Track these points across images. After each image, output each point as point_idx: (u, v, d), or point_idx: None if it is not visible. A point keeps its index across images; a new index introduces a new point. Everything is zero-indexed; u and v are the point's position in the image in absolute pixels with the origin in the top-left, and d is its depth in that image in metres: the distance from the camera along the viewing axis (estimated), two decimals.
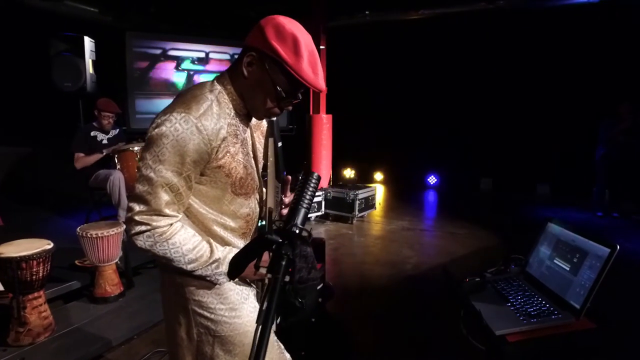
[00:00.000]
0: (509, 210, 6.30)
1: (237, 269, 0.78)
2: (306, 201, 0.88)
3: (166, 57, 7.53)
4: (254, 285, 1.36)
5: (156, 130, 1.07)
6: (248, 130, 1.26)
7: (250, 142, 1.27)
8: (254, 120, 1.29)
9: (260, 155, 1.32)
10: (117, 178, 3.81)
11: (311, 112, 6.07)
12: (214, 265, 1.18)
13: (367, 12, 6.38)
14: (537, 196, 7.21)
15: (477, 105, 7.23)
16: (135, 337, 2.70)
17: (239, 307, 1.27)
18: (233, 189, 1.20)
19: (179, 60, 7.66)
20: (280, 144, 1.24)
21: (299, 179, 0.94)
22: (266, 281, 1.29)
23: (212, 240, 1.20)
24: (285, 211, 1.28)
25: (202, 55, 7.86)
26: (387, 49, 7.48)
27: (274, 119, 1.23)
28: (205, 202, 1.20)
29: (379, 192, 7.59)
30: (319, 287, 2.42)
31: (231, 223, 1.24)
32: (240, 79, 1.17)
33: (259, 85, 1.14)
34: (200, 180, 1.17)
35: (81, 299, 3.02)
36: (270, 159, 1.25)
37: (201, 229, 1.21)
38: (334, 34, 6.37)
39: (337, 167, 6.21)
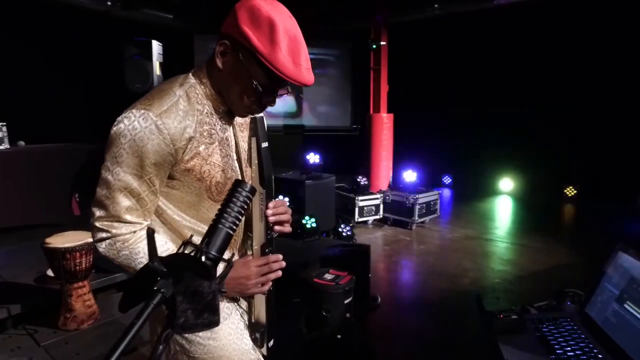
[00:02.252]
0: (598, 224, 5.48)
1: (128, 303, 0.62)
2: (229, 219, 0.70)
3: None
4: (239, 305, 1.22)
5: (114, 128, 0.96)
6: (230, 130, 1.11)
7: (233, 142, 1.12)
8: (240, 118, 1.15)
9: (246, 157, 1.17)
10: None
11: (371, 111, 5.82)
12: None
13: (436, 5, 5.97)
14: (639, 209, 6.22)
15: (560, 103, 6.43)
16: None
17: (217, 327, 1.14)
18: (210, 195, 1.07)
19: None
20: (265, 145, 1.08)
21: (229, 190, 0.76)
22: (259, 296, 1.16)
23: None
24: (272, 218, 1.10)
25: None
26: (454, 44, 6.96)
27: (257, 115, 1.07)
28: (181, 208, 1.08)
29: (446, 196, 7.10)
30: (346, 302, 2.23)
31: None
32: (215, 71, 1.03)
33: (234, 78, 0.99)
34: (173, 185, 1.05)
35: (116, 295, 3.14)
36: (254, 161, 1.10)
37: (178, 237, 1.09)
38: (396, 30, 6.04)
39: (397, 169, 5.89)
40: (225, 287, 1.10)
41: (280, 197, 1.39)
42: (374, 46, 5.48)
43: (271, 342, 1.17)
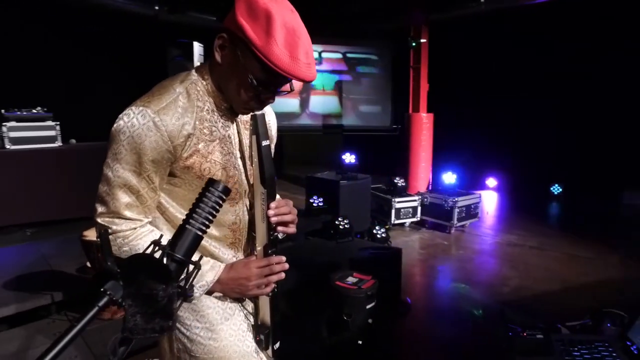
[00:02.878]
0: None
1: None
2: (199, 220, 0.67)
3: None
4: (244, 306, 1.20)
5: (115, 125, 0.97)
6: (233, 127, 1.09)
7: (237, 140, 1.10)
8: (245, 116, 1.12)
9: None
10: None
11: (410, 111, 5.66)
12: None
13: (482, 0, 5.70)
14: None
15: (616, 104, 5.93)
16: None
17: (217, 327, 1.12)
18: None
19: None
20: (266, 143, 1.05)
21: (207, 189, 0.72)
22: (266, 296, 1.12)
23: None
24: (274, 219, 1.07)
25: (315, 54, 7.98)
26: (498, 41, 6.61)
27: (258, 113, 1.04)
28: (183, 205, 1.07)
29: (490, 200, 6.78)
30: (368, 307, 2.15)
31: (214, 231, 1.09)
32: (216, 67, 1.01)
33: (232, 72, 0.97)
34: (174, 182, 1.04)
35: None
36: (255, 160, 1.07)
37: None
38: (437, 27, 5.83)
39: (437, 171, 5.69)
40: (224, 287, 1.09)
41: (280, 196, 1.36)
42: (414, 44, 5.33)
43: (277, 345, 1.15)
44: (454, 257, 4.38)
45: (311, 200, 4.64)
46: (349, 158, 4.81)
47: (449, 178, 5.27)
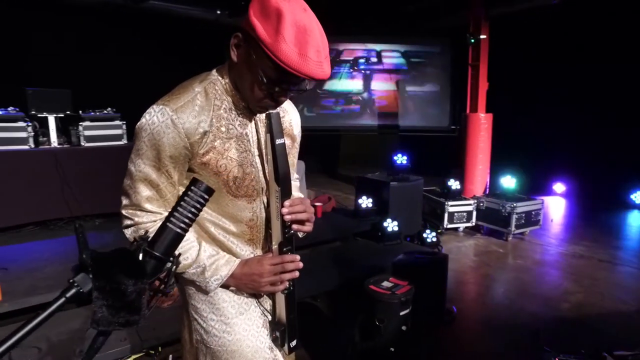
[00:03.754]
0: None
1: None
2: (180, 218, 0.67)
3: (341, 59, 7.85)
4: (261, 302, 1.21)
5: (138, 122, 1.03)
6: (251, 125, 1.10)
7: (255, 138, 1.11)
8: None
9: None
10: None
11: (467, 111, 5.39)
12: (198, 270, 1.08)
13: None
14: None
15: None
16: None
17: (231, 321, 1.15)
18: (228, 190, 1.08)
19: (353, 61, 7.90)
20: (281, 142, 1.06)
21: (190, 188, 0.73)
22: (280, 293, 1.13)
23: (204, 244, 1.10)
24: (288, 217, 1.08)
25: (374, 54, 7.90)
26: (566, 35, 6.07)
27: (273, 111, 1.05)
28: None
29: (557, 206, 6.27)
30: (402, 313, 2.07)
31: (232, 227, 1.13)
32: (233, 66, 1.04)
33: (246, 71, 0.99)
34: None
35: None
36: (269, 158, 1.08)
37: (200, 231, 1.13)
38: (498, 22, 5.47)
39: (495, 174, 5.36)
40: (238, 282, 1.11)
41: (298, 194, 1.36)
42: (472, 40, 5.05)
43: (293, 343, 1.16)
44: (510, 266, 4.11)
45: (360, 201, 4.59)
46: (400, 159, 4.69)
47: (508, 182, 4.95)
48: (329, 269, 3.67)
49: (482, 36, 5.03)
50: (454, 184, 4.99)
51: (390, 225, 4.20)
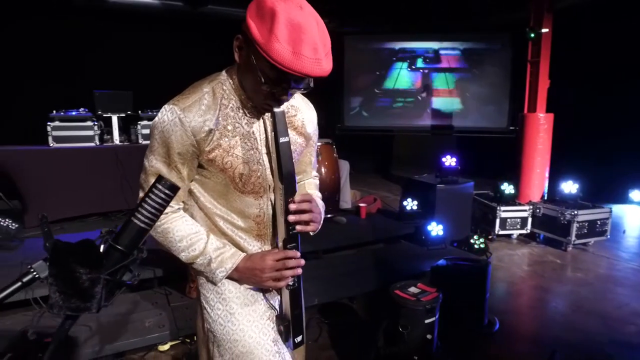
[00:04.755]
0: None
1: None
2: (144, 214, 0.69)
3: (397, 58, 7.72)
4: (268, 297, 1.23)
5: (153, 120, 1.11)
6: (259, 124, 1.13)
7: (263, 137, 1.13)
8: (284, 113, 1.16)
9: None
10: None
11: (525, 111, 5.04)
12: (205, 261, 1.13)
13: None
14: None
15: None
16: None
17: (236, 311, 1.18)
18: (235, 186, 1.12)
19: (411, 60, 7.74)
20: (285, 140, 1.08)
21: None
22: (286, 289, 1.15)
23: (212, 237, 1.15)
24: (291, 217, 1.09)
25: (432, 53, 7.68)
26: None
27: (277, 110, 1.06)
28: (213, 196, 1.16)
29: (633, 216, 5.67)
30: (427, 321, 1.98)
31: (240, 222, 1.16)
32: (239, 67, 1.07)
33: (247, 71, 1.02)
34: (204, 174, 1.14)
35: None
36: (273, 156, 1.11)
37: (210, 224, 1.18)
38: (563, 14, 5.04)
39: (555, 179, 4.96)
40: (241, 275, 1.14)
41: (314, 192, 1.37)
42: (532, 35, 4.70)
43: (298, 338, 1.18)
44: (567, 278, 3.79)
45: (404, 203, 4.47)
46: (449, 161, 4.50)
47: (569, 187, 4.56)
48: (369, 271, 3.62)
49: (544, 30, 4.66)
50: (507, 188, 4.70)
51: (435, 229, 4.05)
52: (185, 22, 6.32)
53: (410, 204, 4.44)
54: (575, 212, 4.21)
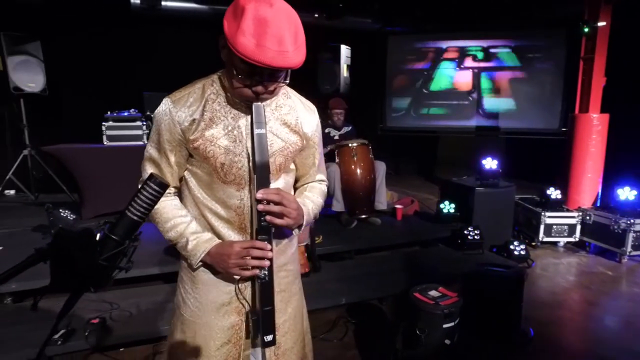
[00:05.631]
0: None
1: None
2: (137, 207, 0.77)
3: (444, 57, 7.53)
4: (241, 289, 1.26)
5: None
6: (246, 118, 1.18)
7: (249, 130, 1.18)
8: (272, 110, 1.22)
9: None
10: (332, 170, 4.21)
11: (577, 111, 4.73)
12: (182, 243, 1.20)
13: None
14: None
15: None
16: None
17: (204, 298, 1.26)
18: (218, 176, 1.18)
19: (459, 59, 7.53)
20: (261, 131, 1.10)
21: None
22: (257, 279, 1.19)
23: (193, 222, 1.22)
24: (260, 206, 1.11)
25: (481, 50, 7.41)
26: None
27: (257, 103, 1.10)
28: (201, 186, 1.23)
29: None
30: (445, 326, 1.94)
31: (222, 212, 1.22)
32: (224, 64, 1.15)
33: (228, 67, 1.10)
34: (193, 163, 1.22)
35: None
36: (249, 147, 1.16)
37: (198, 214, 1.25)
38: (624, 5, 4.66)
39: (609, 184, 4.62)
40: (212, 260, 1.18)
41: (315, 196, 1.36)
42: (586, 29, 4.39)
43: (269, 337, 1.17)
44: (621, 293, 3.53)
45: (441, 206, 4.37)
46: (490, 163, 4.34)
47: (626, 194, 4.24)
48: (401, 273, 3.59)
49: (601, 23, 4.34)
50: (553, 193, 4.46)
51: (472, 233, 3.93)
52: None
53: (448, 207, 4.33)
54: (632, 220, 3.92)
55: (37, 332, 2.50)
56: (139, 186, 0.81)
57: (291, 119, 1.24)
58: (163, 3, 5.68)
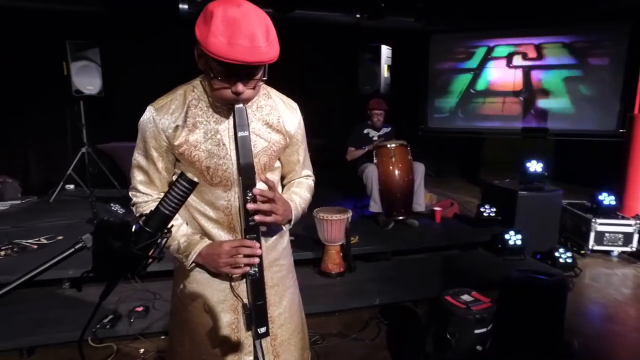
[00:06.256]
0: None
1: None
2: (169, 203, 0.85)
3: (492, 56, 7.29)
4: (235, 287, 1.30)
5: None
6: (228, 122, 1.21)
7: (232, 133, 1.21)
8: (253, 111, 1.24)
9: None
10: (370, 171, 4.21)
11: (636, 111, 4.43)
12: (174, 246, 1.24)
13: None
14: None
15: None
16: (324, 317, 2.99)
17: (198, 297, 1.30)
18: (205, 179, 1.23)
19: (508, 57, 7.27)
20: (244, 134, 1.13)
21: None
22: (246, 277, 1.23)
23: (184, 225, 1.27)
24: (250, 205, 1.14)
25: (532, 48, 7.09)
26: None
27: (237, 106, 1.13)
28: None
29: None
30: (477, 331, 1.90)
31: (212, 213, 1.26)
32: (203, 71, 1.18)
33: (206, 72, 1.13)
34: (181, 168, 1.25)
35: (313, 267, 3.58)
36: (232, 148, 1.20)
37: (189, 217, 1.29)
38: None
39: None
40: (204, 260, 1.22)
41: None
42: None
43: (262, 329, 1.21)
44: None
45: (482, 209, 4.25)
46: (534, 166, 4.17)
47: None
48: (437, 276, 3.54)
49: None
50: (606, 199, 4.20)
51: (513, 238, 3.80)
52: (275, 27, 6.66)
53: (488, 210, 4.21)
54: None
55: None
56: (171, 184, 0.88)
57: (273, 118, 1.27)
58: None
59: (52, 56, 5.23)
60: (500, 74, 7.22)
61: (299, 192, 1.38)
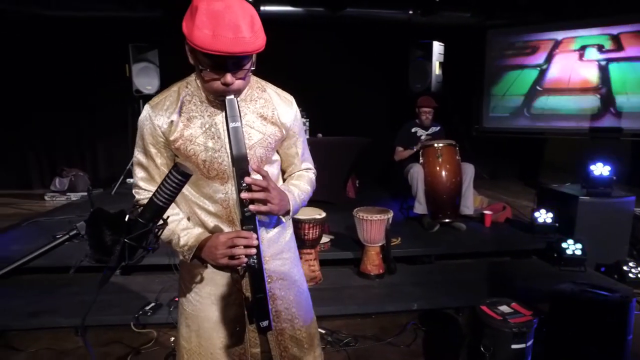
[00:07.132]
0: None
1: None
2: (163, 195, 0.85)
3: (559, 51, 6.76)
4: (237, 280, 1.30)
5: None
6: (222, 115, 1.21)
7: (226, 127, 1.19)
8: (247, 104, 1.25)
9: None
10: (415, 171, 4.07)
11: None
12: (175, 240, 1.25)
13: None
14: None
15: None
16: (360, 319, 2.93)
17: (203, 291, 1.33)
18: (202, 173, 1.24)
19: (580, 51, 6.70)
20: (236, 125, 1.11)
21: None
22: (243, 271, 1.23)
23: (184, 220, 1.28)
24: (243, 194, 1.11)
25: (610, 39, 6.44)
26: None
27: (228, 97, 1.12)
28: (189, 184, 1.28)
29: None
30: (515, 347, 1.73)
31: (210, 207, 1.28)
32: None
33: (195, 67, 1.14)
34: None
35: (352, 267, 3.52)
36: (225, 140, 1.20)
37: (190, 212, 1.31)
38: None
39: None
40: (203, 253, 1.22)
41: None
42: None
43: (264, 323, 1.19)
44: None
45: (536, 214, 3.95)
46: (600, 169, 3.79)
47: None
48: (483, 283, 3.35)
49: None
50: None
51: (572, 247, 3.49)
52: (325, 26, 6.65)
53: (544, 216, 3.90)
54: None
55: (137, 302, 2.90)
56: (164, 175, 0.88)
57: (267, 111, 1.27)
58: (262, 8, 6.03)
59: (117, 59, 5.63)
60: (571, 69, 6.65)
61: (298, 184, 1.36)
